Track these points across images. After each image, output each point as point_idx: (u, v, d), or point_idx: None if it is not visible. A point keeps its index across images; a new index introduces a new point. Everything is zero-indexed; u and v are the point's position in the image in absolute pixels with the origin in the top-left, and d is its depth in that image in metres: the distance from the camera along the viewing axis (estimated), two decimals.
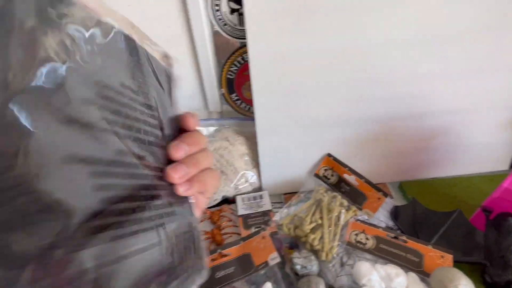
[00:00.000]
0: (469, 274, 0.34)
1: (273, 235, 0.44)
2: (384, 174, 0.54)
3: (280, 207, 0.54)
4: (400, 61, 0.44)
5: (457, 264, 0.38)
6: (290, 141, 0.50)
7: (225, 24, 0.48)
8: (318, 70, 0.44)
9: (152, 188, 0.16)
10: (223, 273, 0.35)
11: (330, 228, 0.43)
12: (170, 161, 0.18)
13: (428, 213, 0.44)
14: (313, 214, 0.45)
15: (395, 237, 0.41)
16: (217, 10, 0.47)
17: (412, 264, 0.38)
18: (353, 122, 0.49)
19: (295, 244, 0.45)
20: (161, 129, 0.18)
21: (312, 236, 0.42)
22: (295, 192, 0.56)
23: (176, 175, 0.17)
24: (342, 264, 0.40)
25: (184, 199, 0.19)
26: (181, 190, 0.18)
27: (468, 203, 0.48)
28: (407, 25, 0.41)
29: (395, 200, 0.51)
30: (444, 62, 0.45)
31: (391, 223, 0.46)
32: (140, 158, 0.15)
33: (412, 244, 0.40)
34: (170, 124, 0.19)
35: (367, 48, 0.43)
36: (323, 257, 0.40)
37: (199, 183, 0.19)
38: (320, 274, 0.40)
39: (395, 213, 0.47)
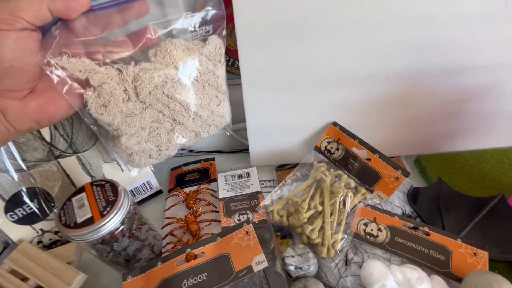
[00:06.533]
0: (509, 276, 0.26)
1: (261, 224, 0.36)
2: (398, 147, 0.45)
3: (272, 186, 0.45)
4: None
5: (494, 263, 0.30)
6: (284, 102, 0.39)
7: None
8: (322, 4, 0.31)
9: None
10: (192, 282, 0.26)
11: (333, 217, 0.34)
12: None
13: (458, 198, 0.35)
14: (312, 198, 0.36)
15: (415, 228, 0.32)
16: None
17: (437, 264, 0.30)
18: (365, 79, 0.37)
19: (289, 233, 0.37)
20: None
21: (309, 227, 0.33)
22: (289, 166, 0.47)
23: None
24: (347, 262, 0.32)
25: None
26: None
27: (502, 182, 0.39)
28: None
29: (411, 178, 0.42)
30: None
31: (408, 209, 0.37)
32: None
33: (436, 237, 0.31)
34: None
35: None
36: (324, 253, 0.32)
37: None
38: (319, 274, 0.32)
39: (413, 196, 0.38)
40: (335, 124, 0.40)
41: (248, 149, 0.45)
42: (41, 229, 0.35)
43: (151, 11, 0.26)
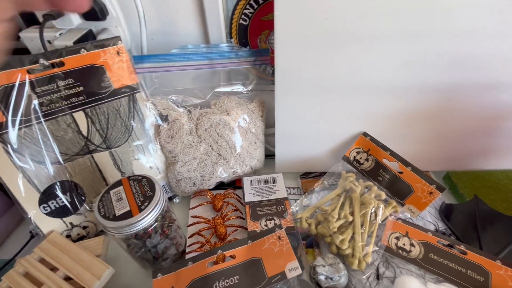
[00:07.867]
0: None
1: (288, 231, 0.35)
2: (429, 161, 0.44)
3: (296, 194, 0.44)
4: (481, 8, 0.31)
5: None
6: (316, 109, 0.39)
7: None
8: (363, 14, 0.31)
9: None
10: (224, 284, 0.26)
11: (364, 228, 0.33)
12: None
13: (496, 217, 0.34)
14: (341, 208, 0.35)
15: (450, 246, 0.31)
16: None
17: (476, 285, 0.29)
18: (400, 90, 0.36)
19: (315, 242, 0.36)
20: None
21: (340, 237, 0.32)
22: (314, 174, 0.46)
23: None
24: (379, 276, 0.31)
25: None
26: None
27: None
28: None
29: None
30: None
31: (441, 225, 0.36)
32: None
33: (474, 257, 0.30)
34: None
35: None
36: (355, 265, 0.31)
37: None
38: (348, 287, 0.31)
39: (446, 212, 0.37)
40: (365, 134, 0.40)
41: (272, 155, 0.45)
42: (71, 223, 0.36)
43: (221, 77, 0.41)
